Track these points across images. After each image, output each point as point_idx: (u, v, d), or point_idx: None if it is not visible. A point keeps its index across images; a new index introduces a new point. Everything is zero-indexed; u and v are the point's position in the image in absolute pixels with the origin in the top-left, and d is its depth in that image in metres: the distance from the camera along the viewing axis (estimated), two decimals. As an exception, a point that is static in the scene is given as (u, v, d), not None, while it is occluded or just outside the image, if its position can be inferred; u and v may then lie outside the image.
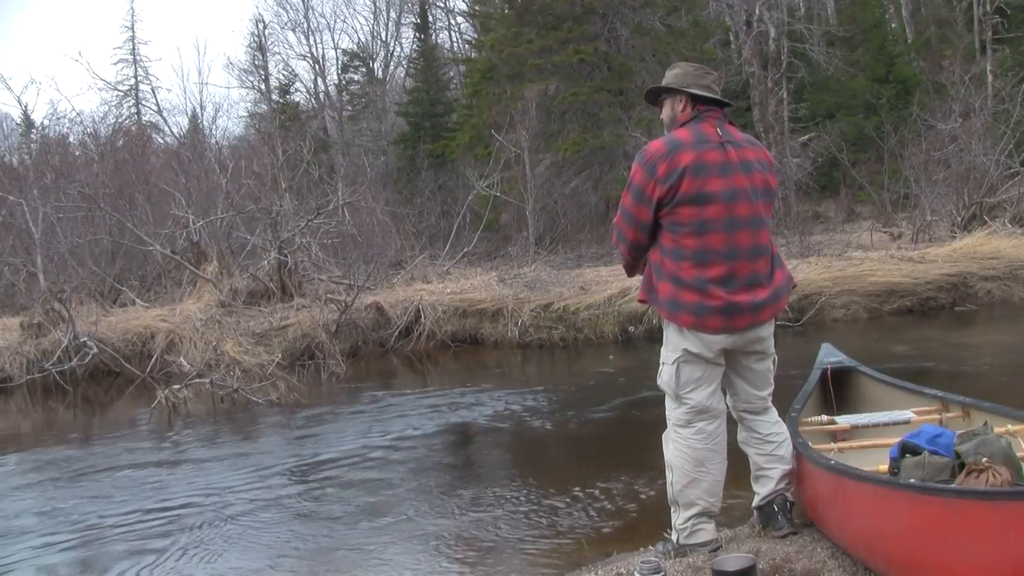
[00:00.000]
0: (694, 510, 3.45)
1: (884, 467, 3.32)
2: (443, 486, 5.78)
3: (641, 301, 3.59)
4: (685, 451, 3.45)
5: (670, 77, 3.54)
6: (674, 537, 3.52)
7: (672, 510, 3.54)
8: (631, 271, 3.68)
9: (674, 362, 3.43)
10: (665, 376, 3.49)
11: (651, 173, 3.32)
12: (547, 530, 4.74)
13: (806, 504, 3.57)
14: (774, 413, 3.63)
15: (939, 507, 2.56)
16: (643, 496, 5.12)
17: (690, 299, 3.31)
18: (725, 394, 3.56)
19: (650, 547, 3.75)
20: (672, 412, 3.52)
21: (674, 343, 3.43)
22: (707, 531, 3.47)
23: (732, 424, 3.58)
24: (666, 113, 3.56)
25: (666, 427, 3.59)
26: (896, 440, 3.36)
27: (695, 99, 3.45)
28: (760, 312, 3.36)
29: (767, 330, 3.46)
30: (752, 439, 3.58)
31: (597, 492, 5.25)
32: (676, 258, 3.33)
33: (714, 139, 3.35)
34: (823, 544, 3.36)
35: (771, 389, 3.59)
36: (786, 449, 3.56)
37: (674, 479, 3.49)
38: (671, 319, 3.39)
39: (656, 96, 3.63)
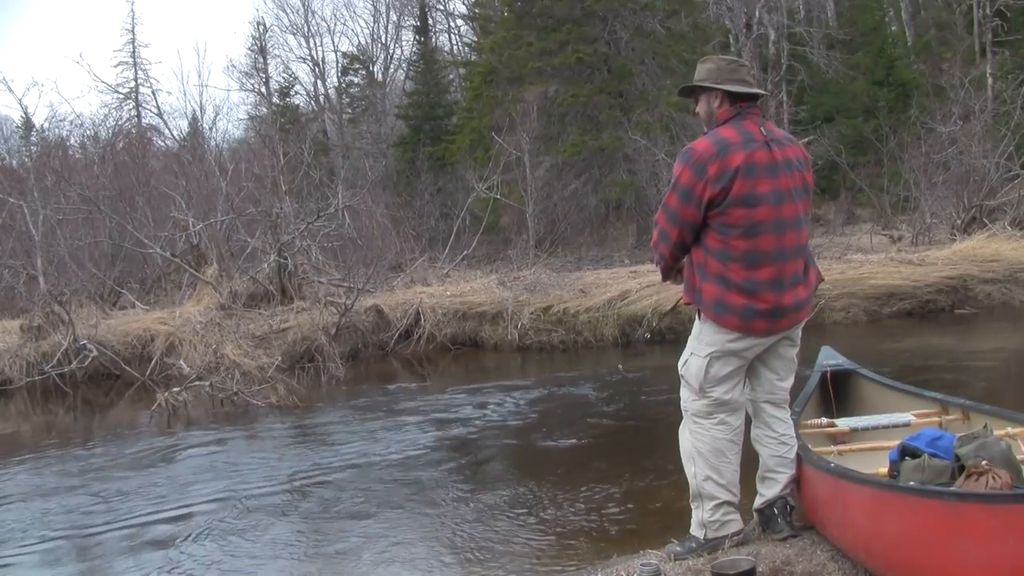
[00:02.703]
0: (719, 500, 3.44)
1: (884, 470, 3.32)
2: (443, 488, 5.77)
3: (686, 303, 3.57)
4: (707, 441, 3.43)
5: (703, 72, 3.49)
6: (701, 534, 3.49)
7: (694, 505, 3.52)
8: (667, 274, 3.63)
9: (706, 355, 3.40)
10: (693, 368, 3.45)
11: (700, 173, 3.28)
12: (547, 532, 4.74)
13: (806, 507, 3.57)
14: (788, 412, 3.62)
15: (939, 510, 2.56)
16: (643, 498, 5.12)
17: (737, 301, 3.30)
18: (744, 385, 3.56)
19: (649, 550, 3.74)
20: (692, 404, 3.49)
21: (711, 338, 3.40)
22: (736, 521, 3.48)
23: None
24: (702, 109, 3.51)
25: (679, 427, 3.57)
26: (896, 443, 3.37)
27: (732, 95, 3.43)
28: (800, 311, 3.41)
29: (803, 323, 3.52)
30: (767, 438, 3.55)
31: (597, 494, 5.24)
32: (724, 259, 3.31)
33: (759, 138, 3.34)
34: (823, 547, 3.36)
35: (792, 381, 3.59)
36: (794, 453, 3.56)
37: (696, 471, 3.47)
38: (716, 321, 3.36)
39: (690, 93, 3.59)
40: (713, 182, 3.26)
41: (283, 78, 34.04)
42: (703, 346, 3.43)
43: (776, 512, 3.53)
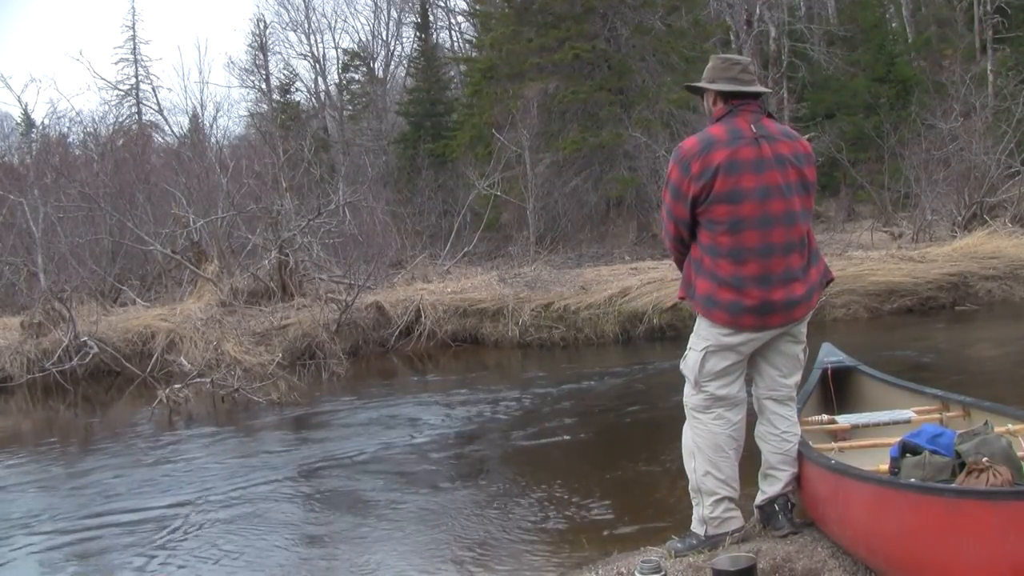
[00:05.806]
0: (718, 496, 3.44)
1: (884, 467, 3.32)
2: (443, 485, 5.78)
3: (680, 299, 3.61)
4: (706, 436, 3.45)
5: (704, 72, 3.56)
6: (701, 530, 3.49)
7: (694, 501, 3.52)
8: (680, 266, 3.65)
9: (702, 349, 3.43)
10: (690, 362, 3.48)
11: (685, 171, 3.35)
12: (547, 530, 4.75)
13: (807, 503, 3.57)
14: (795, 410, 3.62)
15: (939, 507, 2.56)
16: (644, 495, 5.13)
17: (726, 297, 3.33)
18: (748, 384, 3.56)
19: (650, 547, 3.75)
20: (691, 398, 3.51)
21: (705, 332, 3.43)
22: (736, 518, 3.48)
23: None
24: (706, 107, 3.59)
25: (683, 420, 3.57)
26: (896, 440, 3.36)
27: (725, 93, 3.45)
28: (794, 310, 3.38)
29: (802, 321, 3.50)
30: (769, 435, 3.55)
31: (597, 491, 5.25)
32: (714, 255, 3.36)
33: (748, 134, 3.35)
34: (823, 543, 3.36)
35: (798, 378, 3.58)
36: (796, 451, 3.56)
37: (696, 466, 3.47)
38: (707, 316, 3.40)
39: (696, 93, 3.66)
40: (696, 180, 3.31)
41: (284, 75, 34.07)
42: (699, 340, 3.46)
43: (777, 509, 3.53)
